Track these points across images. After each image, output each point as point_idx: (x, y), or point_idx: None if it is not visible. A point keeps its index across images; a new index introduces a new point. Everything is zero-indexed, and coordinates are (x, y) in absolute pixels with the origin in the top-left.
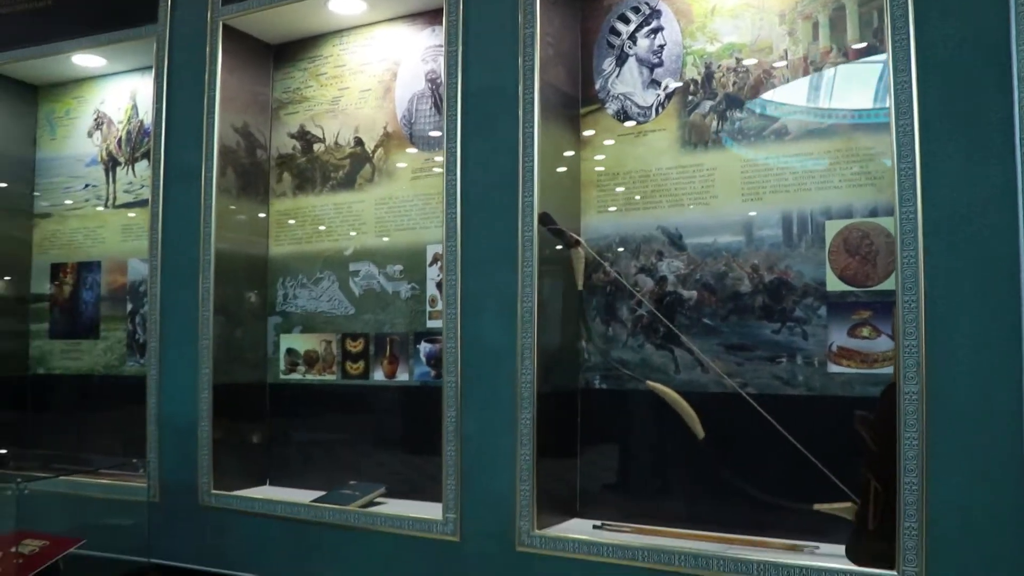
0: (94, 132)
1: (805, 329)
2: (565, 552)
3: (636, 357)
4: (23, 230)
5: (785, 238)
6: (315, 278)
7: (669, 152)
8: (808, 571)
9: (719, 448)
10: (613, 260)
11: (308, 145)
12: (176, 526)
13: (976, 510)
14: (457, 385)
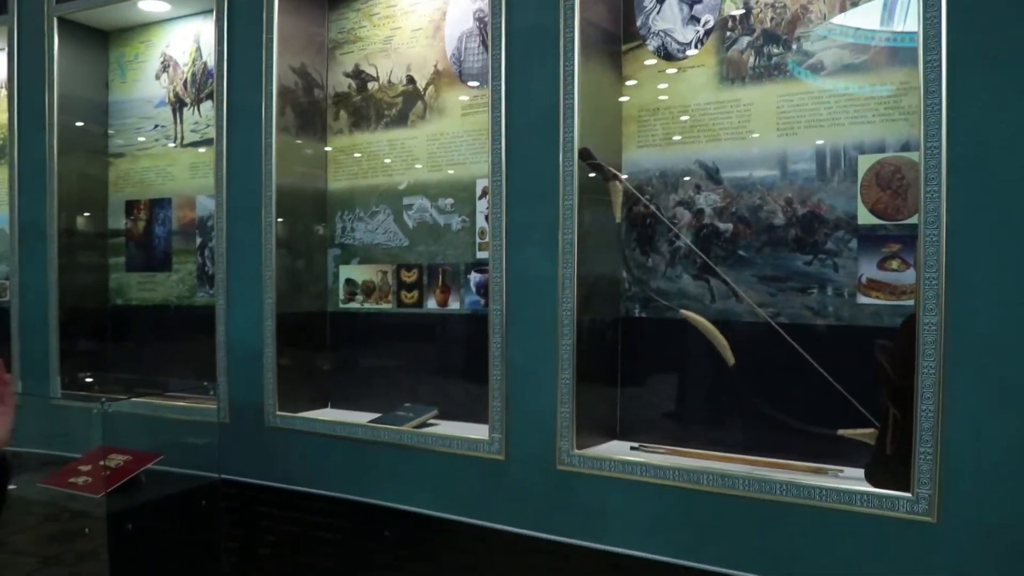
0: (161, 75)
1: (836, 261)
2: (602, 471)
3: (674, 287)
4: (99, 169)
5: (818, 172)
6: (371, 212)
7: (707, 88)
8: (828, 491)
9: (749, 375)
10: (652, 194)
11: (363, 84)
12: (244, 445)
13: (989, 438)
14: (503, 313)
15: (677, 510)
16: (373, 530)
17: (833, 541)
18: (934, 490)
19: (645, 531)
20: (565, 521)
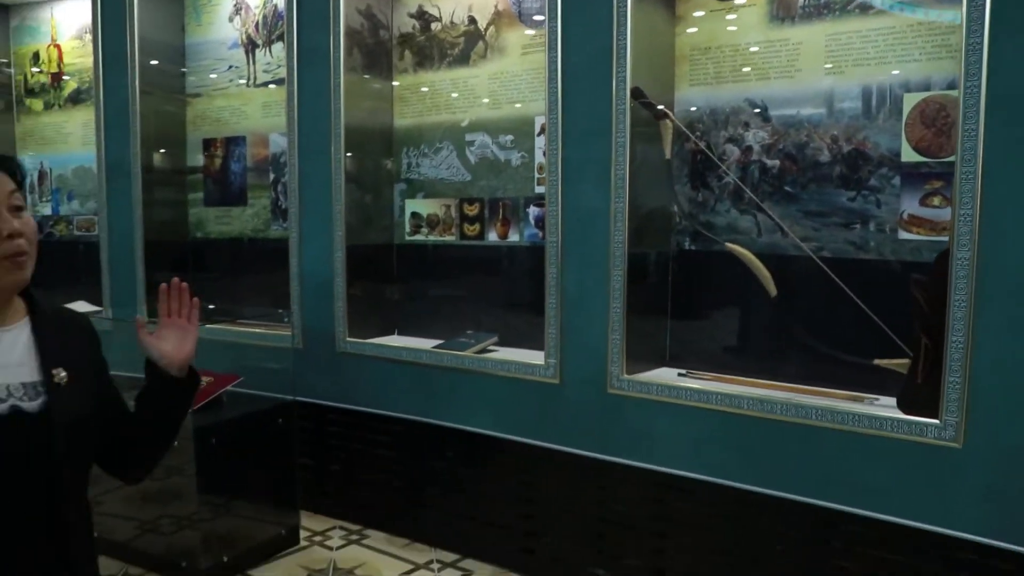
0: (234, 17)
1: (879, 198)
2: (649, 395)
3: (723, 221)
4: (177, 109)
5: (864, 110)
6: (435, 148)
7: (758, 27)
8: (861, 417)
9: (792, 307)
10: (702, 131)
11: (426, 24)
12: (316, 369)
13: (1015, 370)
14: (558, 245)
15: (719, 433)
16: (435, 449)
17: (865, 465)
18: (961, 417)
19: (689, 452)
20: (614, 442)
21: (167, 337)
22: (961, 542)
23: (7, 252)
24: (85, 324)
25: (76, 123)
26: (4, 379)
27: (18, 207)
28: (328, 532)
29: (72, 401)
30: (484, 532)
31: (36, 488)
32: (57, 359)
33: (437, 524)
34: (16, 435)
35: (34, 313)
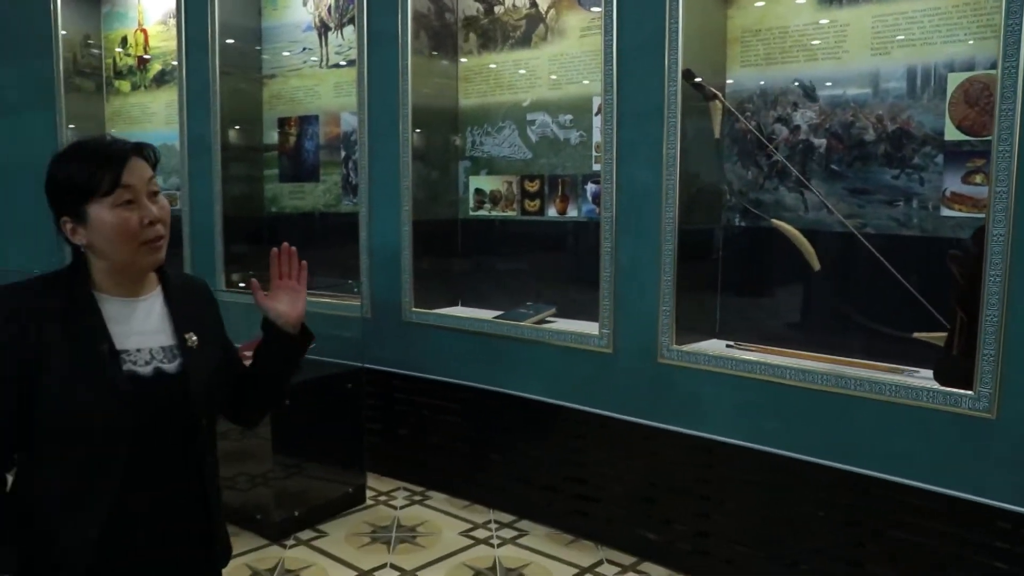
0: (308, 1)
1: (922, 176)
2: (697, 364)
3: (771, 198)
4: (254, 89)
5: (909, 90)
6: (498, 127)
7: (807, 9)
8: (897, 388)
9: (836, 281)
10: (752, 111)
11: (490, 7)
12: (383, 337)
13: None
14: (613, 221)
15: (762, 401)
16: (495, 415)
17: (901, 434)
18: (995, 389)
19: (733, 420)
20: (663, 409)
21: (280, 298)
22: (994, 510)
23: (147, 238)
24: (205, 289)
25: (160, 103)
26: (146, 344)
27: (155, 192)
28: (393, 493)
29: (202, 360)
30: (539, 495)
31: (178, 435)
32: (187, 324)
33: (495, 486)
34: (160, 392)
35: (165, 283)
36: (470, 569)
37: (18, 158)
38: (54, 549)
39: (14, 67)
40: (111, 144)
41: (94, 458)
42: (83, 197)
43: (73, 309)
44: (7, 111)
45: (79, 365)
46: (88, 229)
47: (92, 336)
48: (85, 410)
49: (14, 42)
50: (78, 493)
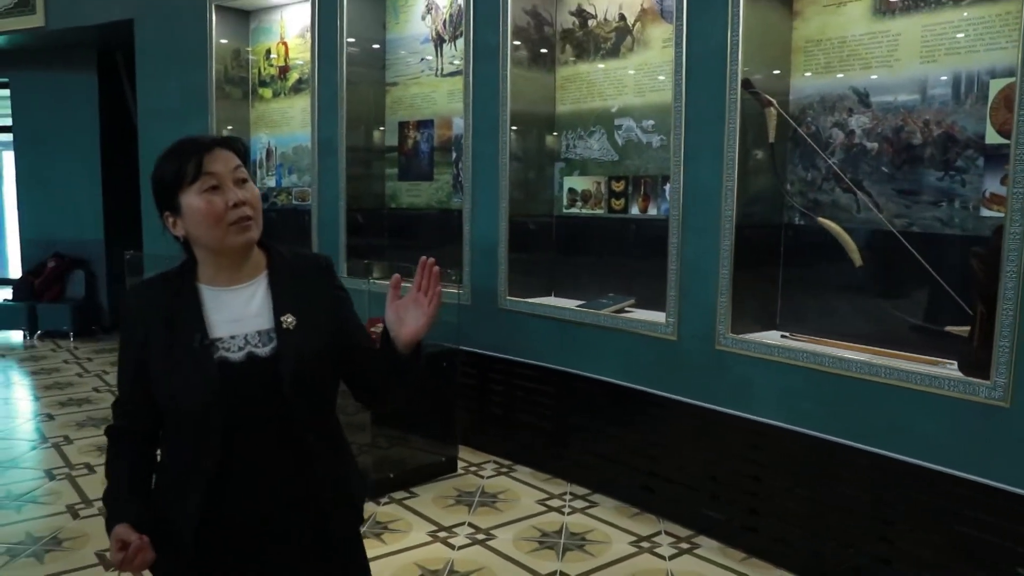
0: (426, 16)
1: (964, 178)
2: (748, 351)
3: (828, 199)
4: (378, 96)
5: (953, 96)
6: (589, 131)
7: (863, 20)
8: (922, 376)
9: (880, 277)
10: (812, 116)
11: (584, 21)
12: (480, 323)
13: None
14: (680, 218)
15: (805, 387)
16: (576, 396)
17: (925, 419)
18: (1009, 379)
19: (780, 404)
20: (719, 393)
21: (407, 307)
22: (1005, 494)
23: (233, 219)
24: (320, 265)
25: (297, 108)
26: (242, 330)
27: (242, 179)
28: (483, 464)
29: (299, 342)
30: (612, 470)
31: (276, 418)
32: (287, 306)
33: (575, 462)
34: (251, 377)
35: (272, 265)
36: (538, 531)
37: None
38: (166, 519)
39: (175, 77)
40: (197, 139)
41: (195, 440)
42: (175, 188)
43: (176, 302)
44: (169, 116)
45: (176, 355)
46: (183, 218)
47: (189, 327)
48: (181, 396)
49: (176, 56)
50: (184, 471)
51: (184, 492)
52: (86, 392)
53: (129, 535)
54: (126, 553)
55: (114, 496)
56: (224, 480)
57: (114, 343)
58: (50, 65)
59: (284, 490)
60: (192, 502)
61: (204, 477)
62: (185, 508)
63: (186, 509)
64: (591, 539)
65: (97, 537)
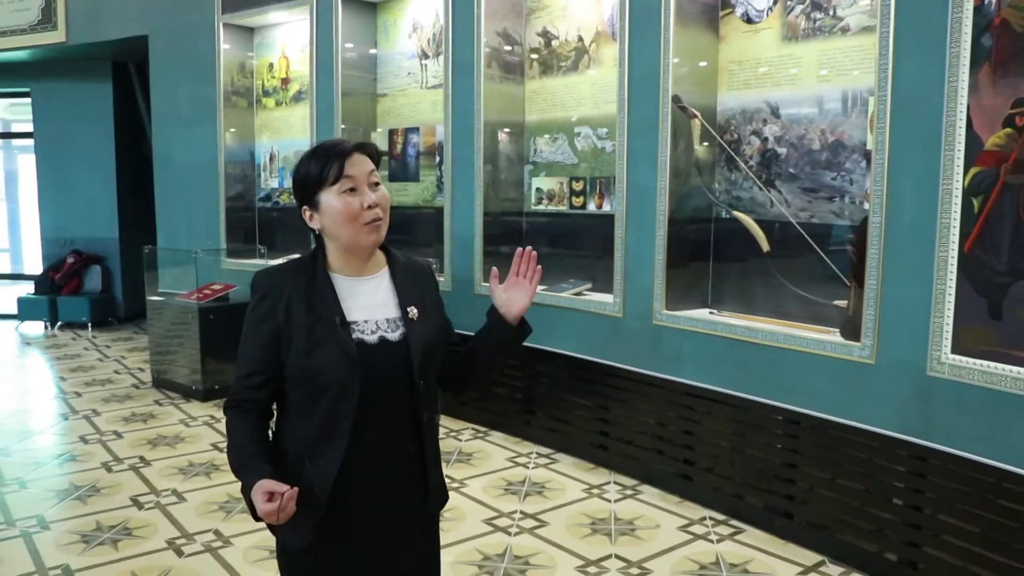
0: (412, 34)
1: (851, 177)
2: (678, 325)
3: (747, 196)
4: (370, 106)
5: (843, 110)
6: (553, 137)
7: (773, 45)
8: (811, 341)
9: (786, 261)
10: (735, 126)
11: (548, 41)
12: (459, 307)
13: (910, 306)
14: (624, 213)
15: (725, 354)
16: (541, 367)
17: (815, 376)
18: (874, 340)
19: (704, 369)
20: (657, 361)
21: (510, 291)
22: (874, 435)
23: (367, 219)
24: (427, 269)
25: (297, 116)
26: (373, 316)
27: (375, 182)
28: (461, 431)
29: (422, 331)
30: (571, 431)
31: (398, 394)
32: (409, 299)
33: (539, 426)
34: (384, 357)
35: (391, 263)
36: (504, 481)
37: (188, 160)
38: (302, 484)
39: (187, 89)
40: (339, 143)
41: (331, 411)
42: (316, 187)
43: (313, 287)
44: (181, 123)
45: (318, 334)
46: (321, 214)
47: (329, 309)
48: (322, 372)
49: (187, 68)
50: (320, 439)
51: (319, 453)
52: (108, 374)
53: (277, 486)
54: (280, 500)
55: (244, 460)
56: (354, 443)
57: (128, 333)
58: (68, 76)
59: (401, 455)
60: (329, 460)
61: (342, 440)
62: (322, 467)
63: (323, 468)
64: (549, 487)
65: (130, 485)
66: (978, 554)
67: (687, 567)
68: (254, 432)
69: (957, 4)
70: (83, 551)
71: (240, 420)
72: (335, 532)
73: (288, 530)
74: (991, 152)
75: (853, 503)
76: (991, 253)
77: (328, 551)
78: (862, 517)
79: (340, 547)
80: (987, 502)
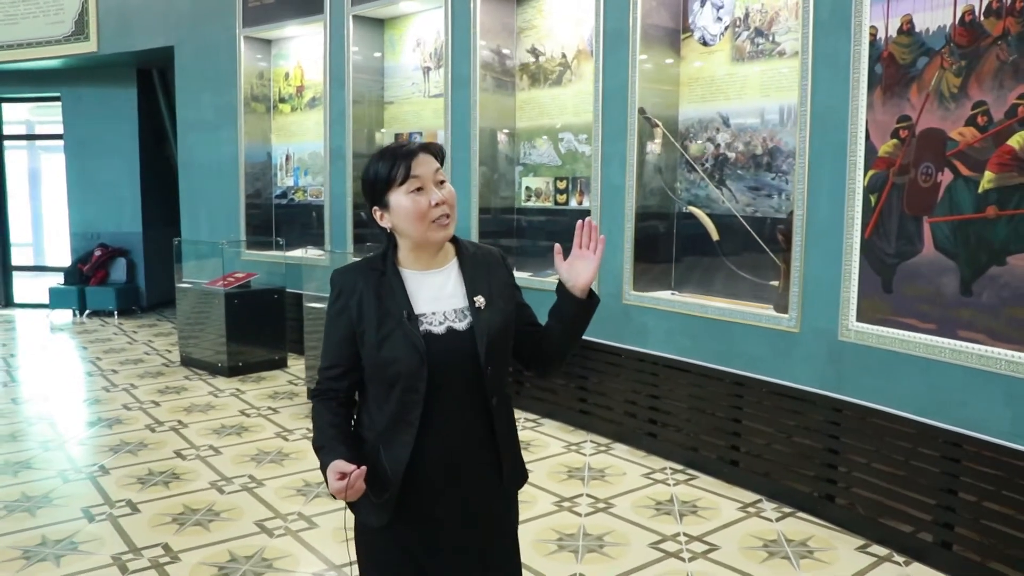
0: (416, 48)
1: (787, 177)
2: (643, 303)
3: (704, 193)
4: (378, 112)
5: (780, 120)
6: (540, 142)
7: (724, 64)
8: (749, 314)
9: (735, 249)
10: (693, 133)
11: (536, 57)
12: None
13: (826, 284)
14: (599, 208)
15: (682, 327)
16: None
17: (754, 344)
18: (799, 313)
19: (665, 341)
20: (626, 335)
21: (575, 264)
22: (799, 391)
23: (434, 216)
24: (497, 256)
25: (311, 121)
26: (442, 307)
27: (441, 181)
28: None
29: (489, 320)
30: (555, 400)
31: (468, 380)
32: (477, 289)
33: (527, 395)
34: (452, 346)
35: (460, 254)
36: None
37: (211, 161)
38: (377, 468)
39: (211, 95)
40: (404, 145)
41: (402, 399)
42: (386, 187)
43: (383, 283)
44: (205, 127)
45: (388, 326)
46: (391, 213)
47: (397, 304)
48: (393, 362)
49: (210, 77)
50: (393, 426)
51: (393, 439)
52: (139, 355)
53: (347, 466)
54: (348, 479)
55: (323, 443)
56: (426, 429)
57: (152, 320)
58: (96, 81)
59: (472, 438)
60: (402, 445)
61: (412, 427)
62: (395, 451)
63: (396, 452)
64: (535, 444)
65: (172, 442)
66: (885, 488)
67: (645, 503)
68: (335, 418)
69: (857, 39)
70: (140, 489)
71: (322, 407)
72: (410, 512)
73: (366, 509)
74: (883, 158)
75: (786, 450)
76: (884, 239)
77: (403, 531)
78: (792, 461)
79: (415, 527)
80: (889, 445)
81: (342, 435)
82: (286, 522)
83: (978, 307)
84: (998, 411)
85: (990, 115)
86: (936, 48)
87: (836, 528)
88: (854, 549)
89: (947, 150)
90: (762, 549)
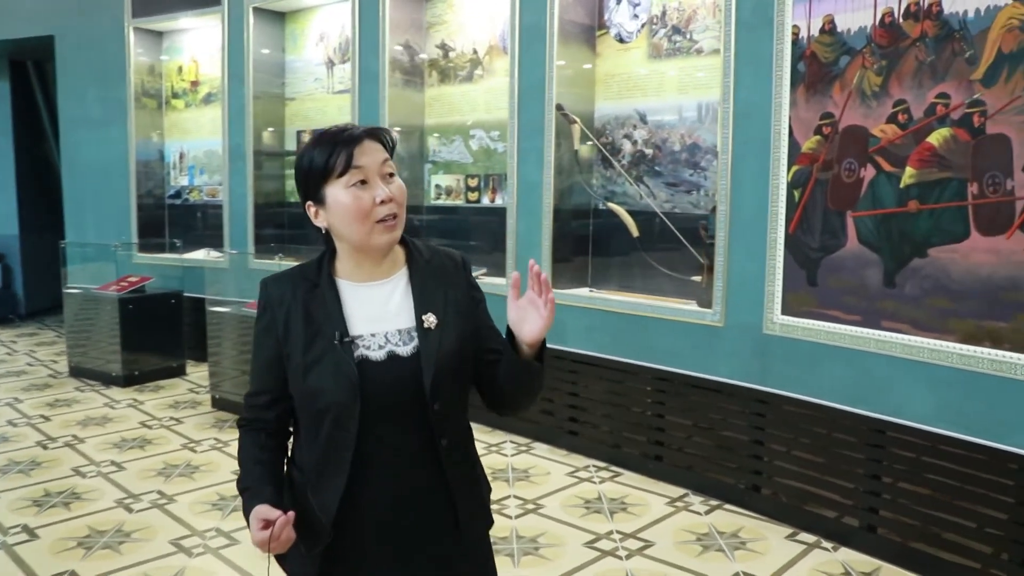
0: (319, 43)
1: (706, 174)
2: (563, 301)
3: (621, 190)
4: (279, 109)
5: (698, 117)
6: (451, 139)
7: (641, 62)
8: (672, 310)
9: (653, 246)
10: (610, 130)
11: (446, 53)
12: None
13: (749, 279)
14: (515, 205)
15: (601, 324)
16: None
17: (676, 339)
18: (723, 308)
19: (584, 338)
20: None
21: (527, 311)
22: (723, 384)
23: (379, 216)
24: (457, 261)
25: (207, 118)
26: (382, 328)
27: (389, 173)
28: None
29: (439, 341)
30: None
31: (414, 419)
32: (429, 305)
33: None
34: (393, 376)
35: (411, 262)
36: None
37: (98, 159)
38: (306, 510)
39: (98, 90)
40: (346, 129)
41: (331, 437)
42: (322, 179)
43: (315, 296)
44: (92, 124)
45: (316, 351)
46: (327, 210)
47: (330, 322)
48: (320, 393)
49: (96, 70)
50: (322, 465)
51: (321, 483)
52: (20, 366)
53: (271, 512)
54: (272, 529)
55: (248, 483)
56: (361, 468)
57: (32, 328)
58: None
59: (415, 479)
60: (332, 490)
61: (343, 470)
62: (324, 497)
63: (325, 498)
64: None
65: (68, 459)
66: (810, 476)
67: (574, 502)
68: (261, 453)
69: (780, 37)
70: (37, 513)
71: (248, 440)
72: (345, 566)
73: (294, 561)
74: (806, 154)
75: (709, 443)
76: (808, 234)
77: None
78: (717, 454)
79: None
80: (814, 434)
81: (269, 474)
82: (204, 539)
83: (901, 298)
84: (921, 396)
85: (910, 113)
86: (858, 48)
87: (764, 518)
88: (784, 538)
89: (869, 147)
90: (696, 543)
